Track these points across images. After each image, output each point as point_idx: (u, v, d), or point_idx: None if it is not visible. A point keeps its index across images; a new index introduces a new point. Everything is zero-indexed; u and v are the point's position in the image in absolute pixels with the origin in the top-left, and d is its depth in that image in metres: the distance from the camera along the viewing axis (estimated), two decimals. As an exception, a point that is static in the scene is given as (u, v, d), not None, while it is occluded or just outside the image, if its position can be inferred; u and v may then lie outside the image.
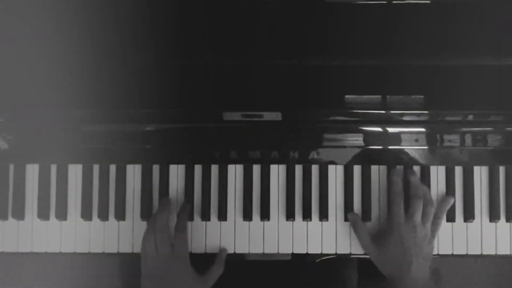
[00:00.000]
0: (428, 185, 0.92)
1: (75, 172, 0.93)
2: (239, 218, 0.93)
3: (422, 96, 0.81)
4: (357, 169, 0.93)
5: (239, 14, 0.83)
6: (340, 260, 0.93)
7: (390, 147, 0.89)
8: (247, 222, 0.93)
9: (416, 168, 0.92)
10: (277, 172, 0.93)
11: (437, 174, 0.93)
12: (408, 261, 0.84)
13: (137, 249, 0.91)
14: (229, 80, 0.83)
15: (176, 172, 0.93)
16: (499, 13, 0.83)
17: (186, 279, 0.85)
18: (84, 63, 0.83)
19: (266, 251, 0.92)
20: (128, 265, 1.05)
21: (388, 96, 0.81)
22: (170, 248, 0.85)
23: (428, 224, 0.87)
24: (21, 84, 0.82)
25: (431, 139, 0.88)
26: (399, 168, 0.91)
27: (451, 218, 0.91)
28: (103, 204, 0.93)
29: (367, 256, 0.91)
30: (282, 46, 0.83)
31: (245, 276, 0.98)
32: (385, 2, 0.83)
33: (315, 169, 0.93)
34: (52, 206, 0.93)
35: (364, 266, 1.01)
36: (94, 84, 0.83)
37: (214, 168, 0.93)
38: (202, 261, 0.89)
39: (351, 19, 0.83)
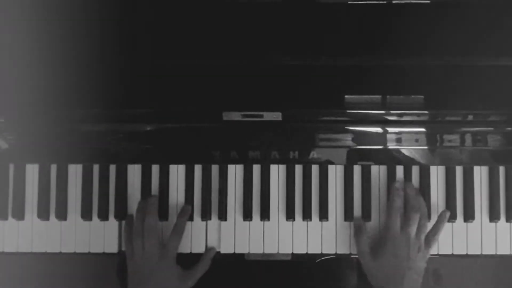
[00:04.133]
0: (428, 185, 0.92)
1: (75, 172, 0.93)
2: (239, 218, 0.93)
3: (422, 96, 0.81)
4: (357, 169, 0.93)
5: (240, 14, 0.83)
6: (340, 260, 0.93)
7: (390, 147, 0.89)
8: (247, 222, 0.93)
9: (416, 168, 0.92)
10: (277, 172, 0.93)
11: (437, 174, 0.93)
12: (401, 274, 0.84)
13: (137, 249, 0.91)
14: (229, 80, 0.83)
15: (176, 172, 0.93)
16: (499, 13, 0.83)
17: (171, 277, 0.86)
18: (84, 63, 0.83)
19: (266, 251, 0.92)
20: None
21: (388, 96, 0.81)
22: (158, 249, 0.87)
23: (422, 237, 0.87)
24: (21, 84, 0.82)
25: (431, 139, 0.88)
26: (400, 179, 0.91)
27: (451, 218, 0.91)
28: (103, 204, 0.93)
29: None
30: (282, 46, 0.83)
31: (245, 276, 0.98)
32: (385, 2, 0.83)
33: (315, 169, 0.93)
34: (52, 206, 0.93)
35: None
36: (94, 84, 0.83)
37: (214, 168, 0.93)
38: (188, 259, 0.90)
39: (351, 19, 0.83)
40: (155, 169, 0.93)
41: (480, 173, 0.93)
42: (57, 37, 0.83)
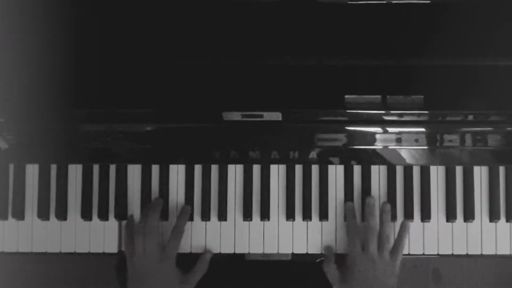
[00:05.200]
0: (428, 185, 0.92)
1: (75, 172, 0.93)
2: (239, 218, 0.93)
3: (422, 96, 0.81)
4: (357, 169, 0.93)
5: (239, 14, 0.83)
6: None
7: (390, 147, 0.89)
8: (247, 222, 0.93)
9: (416, 168, 0.92)
10: (277, 172, 0.93)
11: (437, 174, 0.93)
12: None
13: (137, 249, 0.92)
14: (229, 80, 0.83)
15: (176, 172, 0.93)
16: (499, 13, 0.83)
17: (170, 280, 0.87)
18: (84, 63, 0.83)
19: (266, 251, 0.92)
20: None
21: (388, 96, 0.81)
22: (158, 251, 0.87)
23: (386, 253, 0.86)
24: (21, 84, 0.82)
25: (431, 139, 0.88)
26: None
27: (451, 218, 0.91)
28: (103, 204, 0.93)
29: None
30: (282, 46, 0.83)
31: (245, 276, 0.99)
32: (385, 2, 0.83)
33: (315, 169, 0.93)
34: (52, 206, 0.93)
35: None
36: (94, 84, 0.83)
37: (214, 168, 0.93)
38: (188, 261, 0.90)
39: (351, 19, 0.83)
40: (155, 169, 0.93)
41: (480, 173, 0.93)
42: (58, 37, 0.83)
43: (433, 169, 0.92)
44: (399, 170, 0.93)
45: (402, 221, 0.91)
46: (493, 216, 0.91)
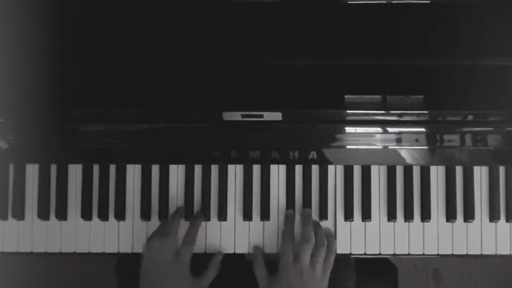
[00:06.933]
0: (428, 185, 0.92)
1: (75, 172, 0.93)
2: (239, 218, 0.93)
3: (422, 96, 0.81)
4: (357, 169, 0.93)
5: (240, 14, 0.83)
6: (340, 260, 0.93)
7: (390, 147, 0.89)
8: (247, 222, 0.93)
9: (416, 168, 0.92)
10: (277, 172, 0.93)
11: (437, 174, 0.93)
12: None
13: (137, 249, 0.92)
14: (229, 80, 0.83)
15: (176, 172, 0.93)
16: (499, 13, 0.83)
17: (183, 283, 0.87)
18: (85, 63, 0.83)
19: (266, 251, 0.92)
20: (127, 265, 1.05)
21: (388, 96, 0.81)
22: (174, 254, 0.87)
23: (318, 266, 0.86)
24: (21, 84, 0.82)
25: (431, 139, 0.88)
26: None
27: (451, 218, 0.91)
28: (103, 204, 0.93)
29: (367, 256, 0.91)
30: (283, 46, 0.83)
31: (245, 276, 0.98)
32: (384, 2, 0.83)
33: (315, 169, 0.93)
34: (52, 206, 0.93)
35: (363, 266, 1.02)
36: (94, 84, 0.83)
37: (214, 168, 0.93)
38: (200, 263, 0.90)
39: (351, 19, 0.83)
40: (155, 169, 0.93)
41: (480, 173, 0.93)
42: (58, 36, 0.83)
43: (433, 169, 0.93)
44: (399, 170, 0.93)
45: (331, 242, 0.90)
46: (493, 216, 0.91)
